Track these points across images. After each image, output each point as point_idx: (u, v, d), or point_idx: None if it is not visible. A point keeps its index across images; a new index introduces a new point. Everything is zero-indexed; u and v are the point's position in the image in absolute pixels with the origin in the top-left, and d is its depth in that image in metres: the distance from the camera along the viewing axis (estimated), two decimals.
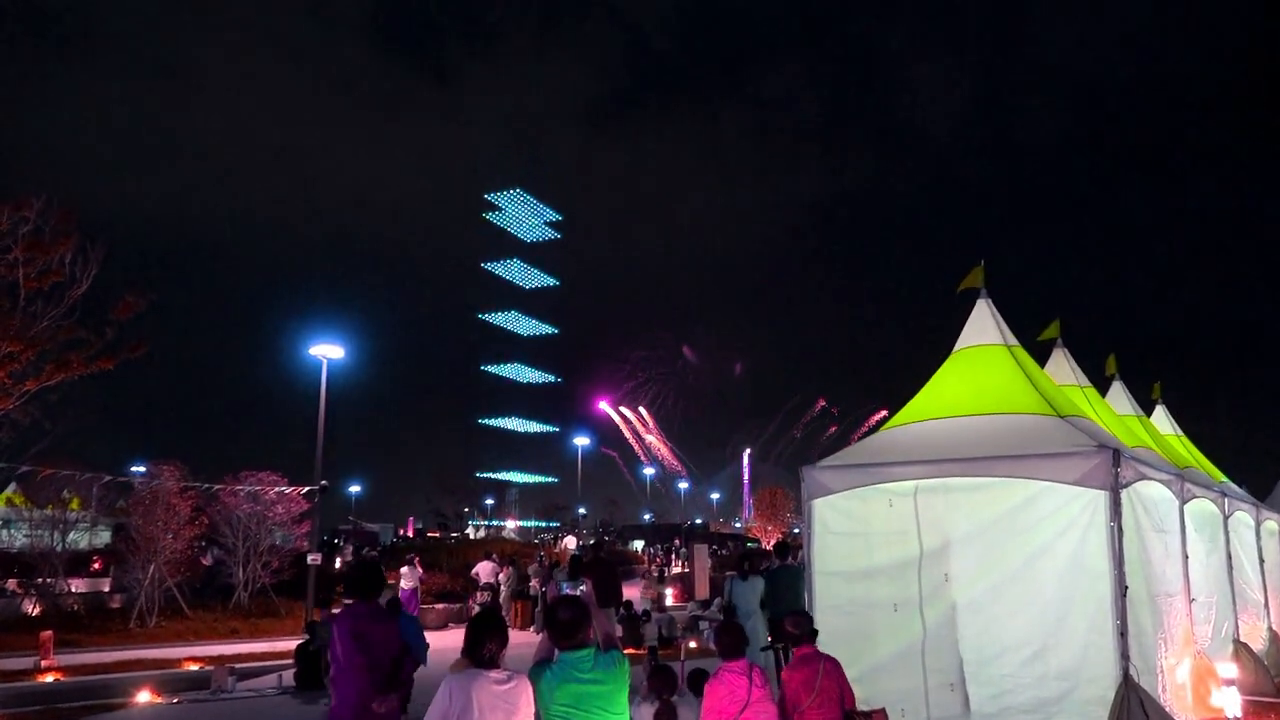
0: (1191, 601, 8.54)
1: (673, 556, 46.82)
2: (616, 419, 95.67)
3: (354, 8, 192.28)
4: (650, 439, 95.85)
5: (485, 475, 75.78)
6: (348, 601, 6.25)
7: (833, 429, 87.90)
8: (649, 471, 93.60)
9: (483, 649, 3.99)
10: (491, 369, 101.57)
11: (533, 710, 3.96)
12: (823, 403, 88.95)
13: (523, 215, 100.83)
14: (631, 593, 22.13)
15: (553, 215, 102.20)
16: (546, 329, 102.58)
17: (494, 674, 3.93)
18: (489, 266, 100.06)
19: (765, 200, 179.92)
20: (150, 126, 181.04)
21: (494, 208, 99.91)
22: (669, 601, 25.31)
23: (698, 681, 7.23)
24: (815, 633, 6.13)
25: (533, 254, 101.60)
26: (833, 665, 5.96)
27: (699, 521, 78.34)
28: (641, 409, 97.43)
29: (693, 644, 16.29)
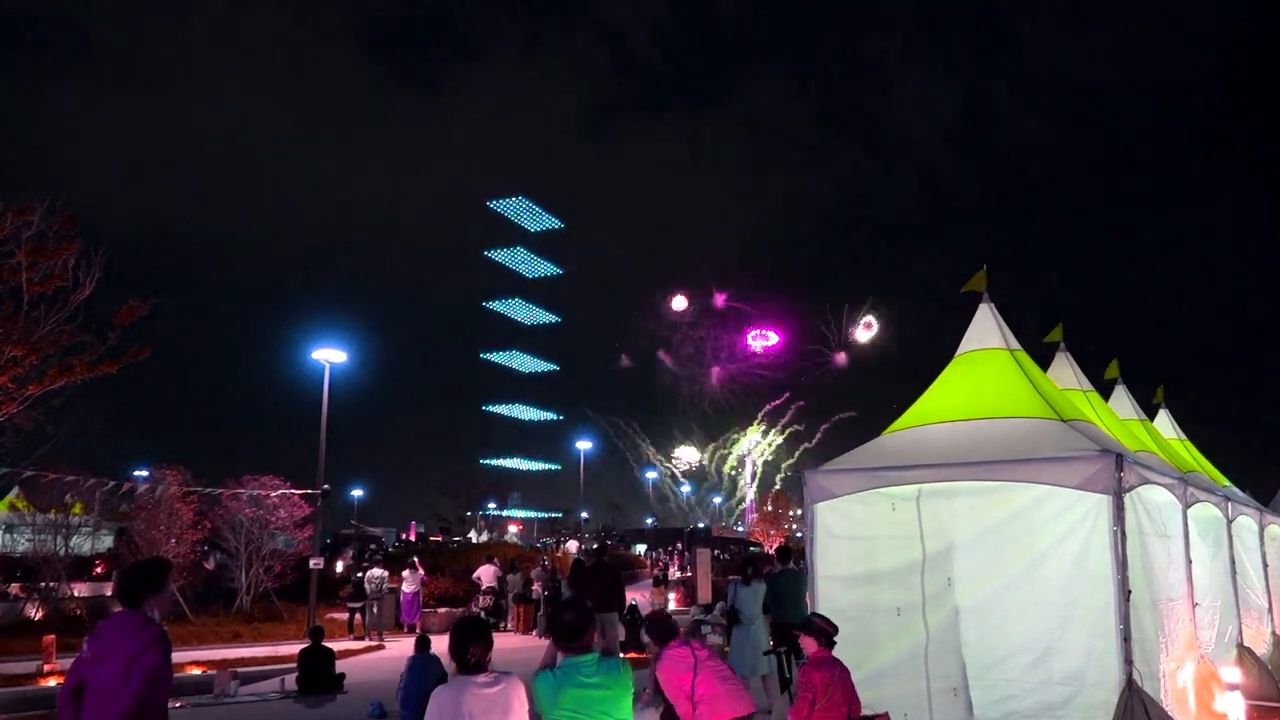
0: (1195, 606, 8.51)
1: (674, 558, 46.80)
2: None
3: (345, 19, 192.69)
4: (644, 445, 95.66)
5: (486, 513, 75.87)
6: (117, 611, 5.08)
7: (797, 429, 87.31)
8: (651, 475, 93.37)
9: (467, 654, 3.98)
10: (497, 399, 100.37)
11: (526, 708, 3.96)
12: (792, 405, 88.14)
13: (523, 234, 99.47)
14: (635, 595, 22.11)
15: (554, 222, 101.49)
16: (549, 361, 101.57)
17: (480, 678, 3.92)
18: (494, 292, 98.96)
19: (756, 208, 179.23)
20: (150, 134, 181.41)
21: (495, 214, 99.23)
22: (671, 606, 25.28)
23: None
24: (834, 643, 6.24)
25: (532, 292, 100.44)
26: (844, 672, 6.14)
27: (701, 525, 78.22)
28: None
29: None
